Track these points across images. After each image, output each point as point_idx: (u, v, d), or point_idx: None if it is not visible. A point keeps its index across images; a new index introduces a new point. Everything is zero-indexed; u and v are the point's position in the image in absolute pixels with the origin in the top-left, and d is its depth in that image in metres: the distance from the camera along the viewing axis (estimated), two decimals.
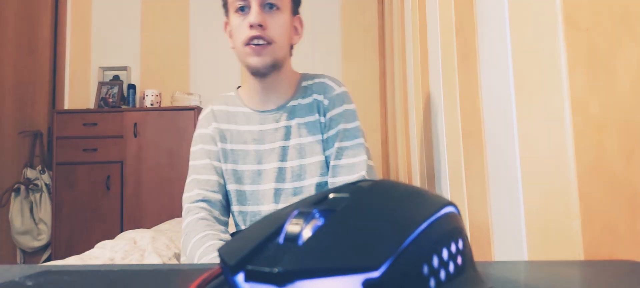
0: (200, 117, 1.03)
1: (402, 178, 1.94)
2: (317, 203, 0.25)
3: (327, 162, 0.95)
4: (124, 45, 3.18)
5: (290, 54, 0.99)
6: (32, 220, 2.76)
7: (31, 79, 2.90)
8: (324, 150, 0.95)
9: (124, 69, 3.12)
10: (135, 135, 2.67)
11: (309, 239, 0.22)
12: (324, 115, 0.96)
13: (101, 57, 3.18)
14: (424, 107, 1.33)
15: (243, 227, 0.97)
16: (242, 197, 0.96)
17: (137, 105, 3.01)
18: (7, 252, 2.71)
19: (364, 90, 3.01)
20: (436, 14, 1.13)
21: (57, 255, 2.63)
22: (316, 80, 1.00)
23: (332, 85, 0.98)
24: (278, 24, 0.90)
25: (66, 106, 3.14)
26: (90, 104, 3.09)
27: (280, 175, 0.94)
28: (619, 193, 0.40)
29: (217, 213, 0.93)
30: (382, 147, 2.92)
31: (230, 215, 1.00)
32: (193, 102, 2.94)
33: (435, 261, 0.22)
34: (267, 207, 0.94)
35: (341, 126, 0.94)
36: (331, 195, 0.26)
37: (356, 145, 0.94)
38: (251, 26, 0.87)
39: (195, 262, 0.81)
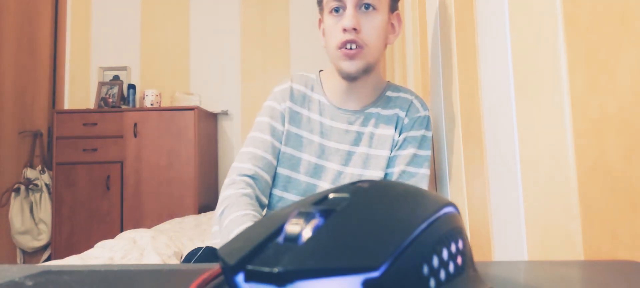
0: (276, 89, 0.97)
1: None
2: (317, 203, 0.25)
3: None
4: (124, 45, 3.19)
5: (384, 53, 0.95)
6: (32, 220, 2.76)
7: (31, 79, 2.90)
8: (388, 166, 0.92)
9: (124, 69, 3.12)
10: (135, 135, 2.68)
11: (309, 239, 0.22)
12: (400, 133, 0.93)
13: (101, 57, 3.18)
14: None
15: None
16: (290, 184, 0.92)
17: (137, 105, 3.01)
18: (7, 252, 2.71)
19: None
20: (436, 13, 1.13)
21: (57, 255, 2.63)
22: (402, 95, 0.96)
23: (418, 107, 0.95)
24: (373, 27, 0.85)
25: (66, 106, 3.14)
26: (90, 104, 3.10)
27: (338, 178, 0.91)
28: (619, 193, 0.40)
29: (259, 192, 0.89)
30: None
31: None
32: (193, 102, 2.95)
33: (435, 261, 0.22)
34: None
35: (413, 150, 0.91)
36: (331, 195, 0.26)
37: (422, 175, 0.91)
38: (345, 30, 0.83)
39: (231, 237, 0.79)
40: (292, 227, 0.23)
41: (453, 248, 0.24)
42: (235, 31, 3.19)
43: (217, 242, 0.90)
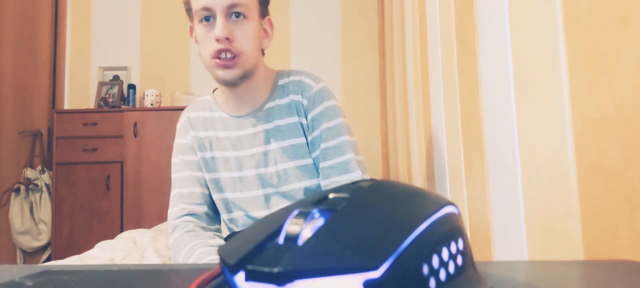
0: (178, 126, 0.99)
1: (402, 178, 1.94)
2: (317, 203, 0.25)
3: (315, 165, 0.91)
4: (124, 45, 3.19)
5: (262, 56, 0.95)
6: (32, 220, 2.76)
7: (31, 79, 2.90)
8: (311, 152, 0.91)
9: (124, 69, 3.12)
10: (135, 135, 2.68)
11: (309, 239, 0.22)
12: (305, 117, 0.91)
13: (101, 57, 3.18)
14: (424, 107, 1.33)
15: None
16: (227, 205, 0.94)
17: (137, 105, 3.01)
18: (7, 252, 2.71)
19: (364, 90, 3.01)
20: (436, 13, 1.13)
21: (57, 255, 2.63)
22: (292, 78, 0.94)
23: (310, 83, 0.93)
24: (245, 34, 0.85)
25: (66, 106, 3.14)
26: (90, 104, 3.10)
27: (264, 180, 0.91)
28: (619, 193, 0.40)
29: (204, 224, 0.91)
30: (382, 147, 2.92)
31: (223, 223, 0.98)
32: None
33: (435, 261, 0.22)
34: (258, 213, 0.92)
35: (324, 125, 0.89)
36: (331, 195, 0.26)
37: (341, 143, 0.89)
38: (217, 40, 0.83)
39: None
40: (292, 226, 0.23)
41: (453, 248, 0.24)
42: None
43: None
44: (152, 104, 2.86)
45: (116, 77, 3.07)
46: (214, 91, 1.00)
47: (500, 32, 0.68)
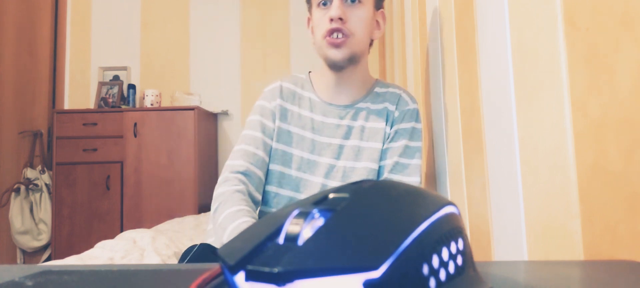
0: (267, 89, 1.00)
1: None
2: (317, 203, 0.25)
3: (379, 172, 0.94)
4: (124, 45, 3.19)
5: (369, 50, 0.99)
6: (32, 220, 2.76)
7: (31, 79, 2.90)
8: (381, 159, 0.95)
9: (124, 69, 3.12)
10: (135, 135, 2.68)
11: (309, 239, 0.22)
12: (391, 126, 0.96)
13: (101, 57, 3.18)
14: (424, 107, 1.33)
15: (275, 210, 0.96)
16: (284, 180, 0.94)
17: (137, 105, 3.01)
18: (7, 252, 2.71)
19: None
20: (436, 13, 1.13)
21: (57, 255, 2.63)
22: (390, 90, 0.99)
23: (407, 100, 0.98)
24: (359, 18, 0.90)
25: (66, 106, 3.14)
26: (90, 104, 3.10)
27: (330, 171, 0.93)
28: (619, 193, 0.40)
29: (252, 188, 0.91)
30: None
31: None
32: (193, 102, 2.95)
33: (435, 261, 0.22)
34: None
35: (405, 142, 0.94)
36: (331, 195, 0.26)
37: (414, 165, 0.94)
38: (331, 19, 0.87)
39: (226, 233, 0.79)
40: (292, 226, 0.23)
41: (453, 248, 0.24)
42: (235, 31, 3.19)
43: (212, 240, 0.91)
44: (152, 104, 2.86)
45: (116, 77, 3.07)
46: (309, 72, 1.04)
47: (500, 32, 0.68)
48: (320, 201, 0.25)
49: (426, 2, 1.27)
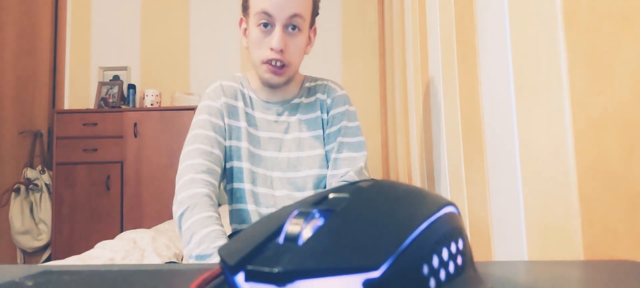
0: (208, 90, 1.02)
1: (402, 178, 1.94)
2: (317, 203, 0.25)
3: (327, 157, 0.98)
4: (124, 45, 3.19)
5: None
6: (32, 220, 2.76)
7: (31, 79, 2.90)
8: (325, 145, 0.99)
9: (124, 69, 3.12)
10: (135, 135, 2.68)
11: (309, 239, 0.22)
12: (327, 113, 1.00)
13: (101, 57, 3.18)
14: (424, 107, 1.33)
15: (236, 205, 0.97)
16: (239, 175, 0.96)
17: (137, 105, 3.01)
18: (7, 252, 2.71)
19: (364, 90, 3.01)
20: (436, 14, 1.13)
21: (57, 255, 2.63)
22: (319, 82, 1.04)
23: (335, 88, 1.03)
24: (297, 46, 0.92)
25: (66, 106, 3.14)
26: (90, 104, 3.10)
27: (274, 164, 0.96)
28: (619, 193, 0.40)
29: (216, 191, 0.91)
30: (382, 148, 2.92)
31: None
32: (193, 102, 2.94)
33: (435, 261, 0.22)
34: (262, 190, 0.95)
35: (343, 123, 0.98)
36: (331, 195, 0.26)
37: (357, 142, 0.97)
38: (272, 49, 0.89)
39: (194, 239, 0.79)
40: (292, 227, 0.23)
41: (453, 248, 0.24)
42: (235, 31, 3.19)
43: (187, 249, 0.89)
44: (152, 104, 2.86)
45: (116, 77, 3.07)
46: (244, 72, 1.06)
47: (500, 32, 0.68)
48: (320, 201, 0.25)
49: (426, 2, 1.27)
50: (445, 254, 0.23)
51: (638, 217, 0.38)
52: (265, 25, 0.90)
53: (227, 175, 0.97)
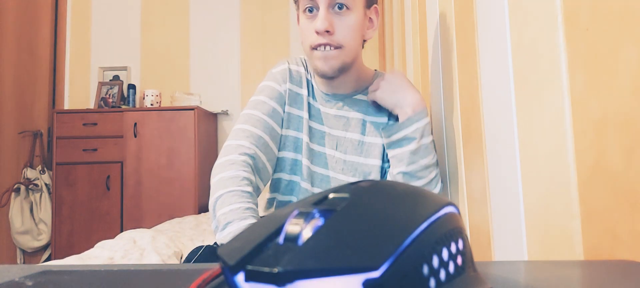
0: (275, 70, 0.94)
1: None
2: (317, 203, 0.25)
3: (382, 170, 0.90)
4: (124, 45, 3.19)
5: (362, 47, 0.93)
6: (32, 220, 2.76)
7: (31, 79, 2.90)
8: (383, 157, 0.90)
9: (124, 69, 3.12)
10: (135, 135, 2.68)
11: (309, 239, 0.22)
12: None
13: (101, 57, 3.18)
14: None
15: (283, 196, 0.92)
16: (297, 168, 0.90)
17: (137, 105, 3.01)
18: (7, 252, 2.71)
19: None
20: (436, 13, 1.13)
21: (57, 255, 2.63)
22: None
23: None
24: (347, 27, 0.83)
25: (66, 106, 3.14)
26: (90, 104, 3.10)
27: (329, 162, 0.89)
28: (619, 193, 0.40)
29: (257, 176, 0.85)
30: None
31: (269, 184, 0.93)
32: (193, 102, 2.94)
33: (435, 261, 0.22)
34: (307, 186, 0.89)
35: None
36: (331, 195, 0.26)
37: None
38: (317, 32, 0.82)
39: (229, 228, 0.74)
40: (292, 227, 0.23)
41: (453, 248, 0.24)
42: (235, 31, 3.19)
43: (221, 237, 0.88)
44: (152, 104, 2.86)
45: (116, 77, 3.07)
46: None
47: (500, 32, 0.68)
48: (320, 201, 0.25)
49: (426, 2, 1.27)
50: (445, 254, 0.23)
51: (638, 217, 0.38)
52: (311, 10, 0.84)
53: (286, 166, 0.90)
